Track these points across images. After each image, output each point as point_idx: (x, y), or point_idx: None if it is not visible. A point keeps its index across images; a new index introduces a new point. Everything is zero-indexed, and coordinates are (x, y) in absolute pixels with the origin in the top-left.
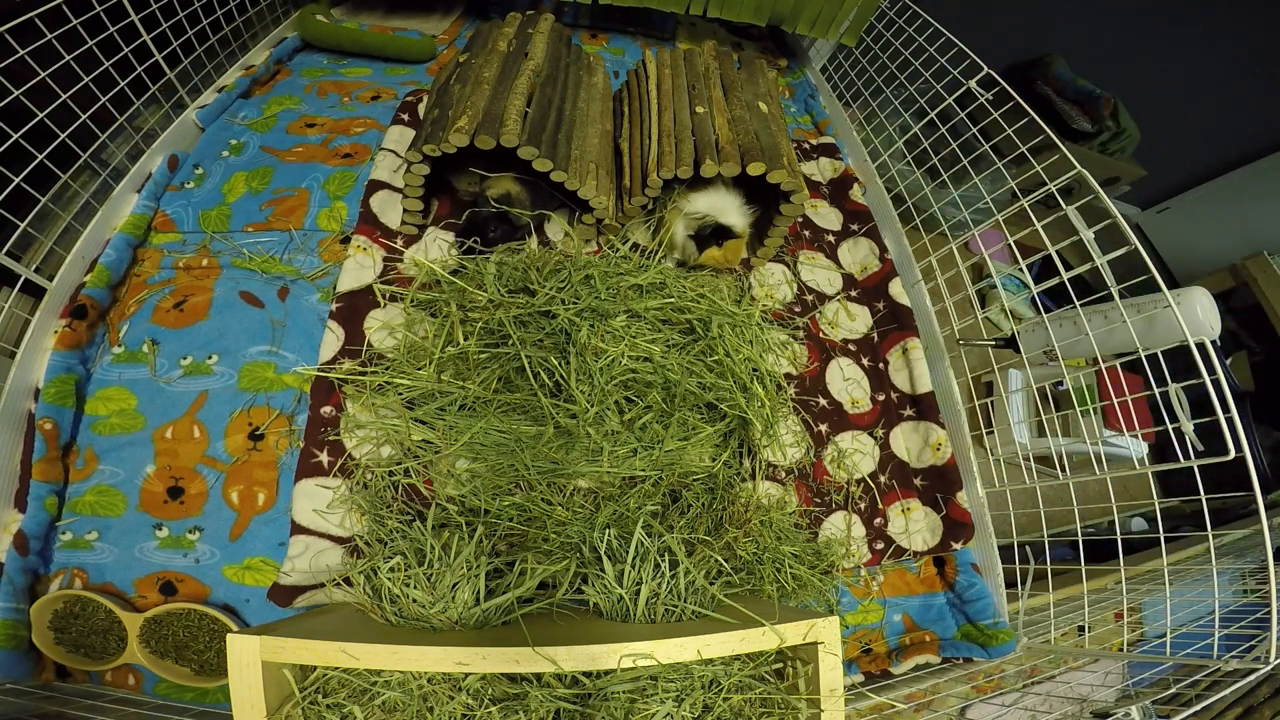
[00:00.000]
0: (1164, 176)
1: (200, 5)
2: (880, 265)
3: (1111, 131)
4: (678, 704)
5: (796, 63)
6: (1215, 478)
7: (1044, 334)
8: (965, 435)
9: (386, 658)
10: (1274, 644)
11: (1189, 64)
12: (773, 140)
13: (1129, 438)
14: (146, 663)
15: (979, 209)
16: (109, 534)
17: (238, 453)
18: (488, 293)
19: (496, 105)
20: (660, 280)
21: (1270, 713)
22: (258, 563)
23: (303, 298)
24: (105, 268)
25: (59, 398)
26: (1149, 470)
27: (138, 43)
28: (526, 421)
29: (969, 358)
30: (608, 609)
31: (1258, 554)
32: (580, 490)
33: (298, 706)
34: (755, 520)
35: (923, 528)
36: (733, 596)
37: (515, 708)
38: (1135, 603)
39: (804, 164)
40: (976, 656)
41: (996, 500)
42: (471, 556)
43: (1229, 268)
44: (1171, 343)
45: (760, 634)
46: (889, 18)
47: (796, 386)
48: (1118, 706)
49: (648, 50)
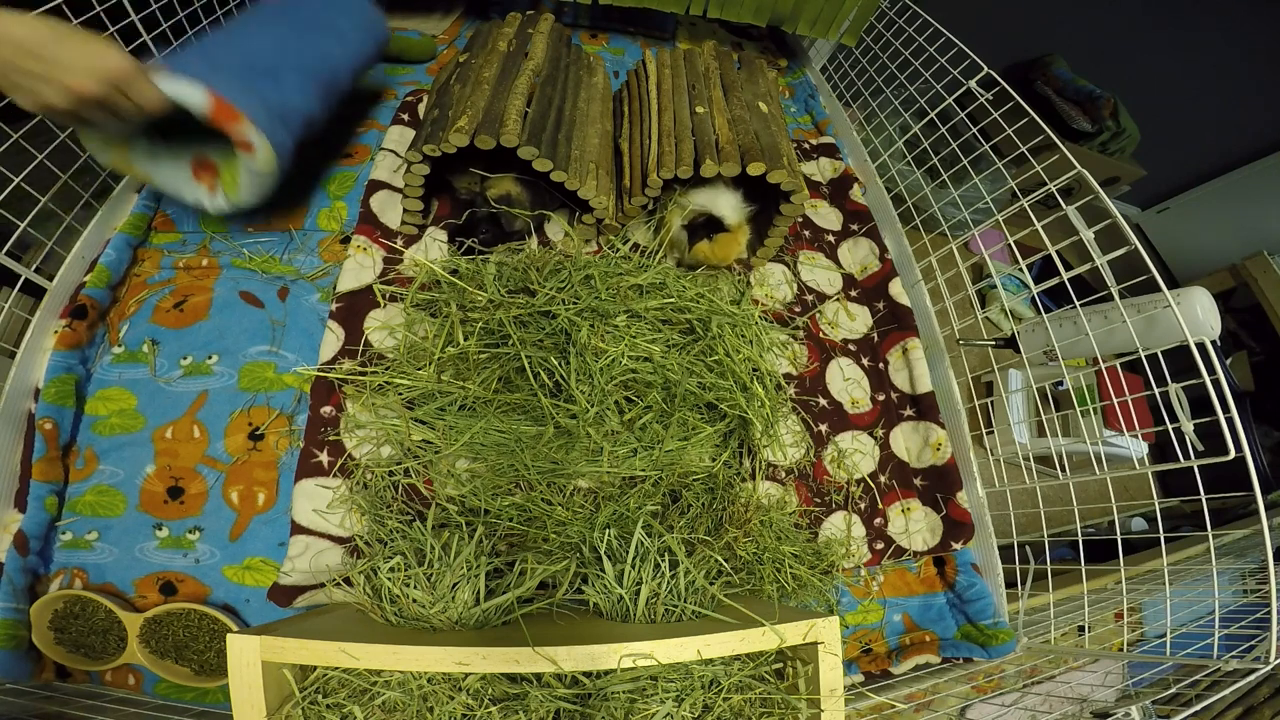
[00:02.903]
0: (1164, 176)
1: (200, 5)
2: (880, 265)
3: (1111, 131)
4: (678, 704)
5: (796, 63)
6: (1215, 478)
7: (1044, 334)
8: (965, 435)
9: (386, 658)
10: (1274, 644)
11: (1189, 64)
12: (773, 140)
13: (1129, 438)
14: (146, 663)
15: (979, 209)
16: (109, 534)
17: (238, 453)
18: (488, 293)
19: (496, 105)
20: (660, 280)
21: (1270, 713)
22: (258, 563)
23: (303, 298)
24: (105, 268)
25: (59, 398)
26: (1149, 470)
27: (138, 43)
28: (526, 421)
29: (969, 358)
30: (608, 609)
31: (1258, 554)
32: (580, 490)
33: (298, 706)
34: (755, 520)
35: (923, 528)
36: (733, 596)
37: (515, 708)
38: (1135, 603)
39: (804, 164)
40: (976, 656)
41: (996, 500)
42: (471, 556)
43: (1229, 268)
44: (1171, 343)
45: (760, 634)
46: (889, 18)
47: (796, 386)
48: (1118, 706)
49: (648, 50)
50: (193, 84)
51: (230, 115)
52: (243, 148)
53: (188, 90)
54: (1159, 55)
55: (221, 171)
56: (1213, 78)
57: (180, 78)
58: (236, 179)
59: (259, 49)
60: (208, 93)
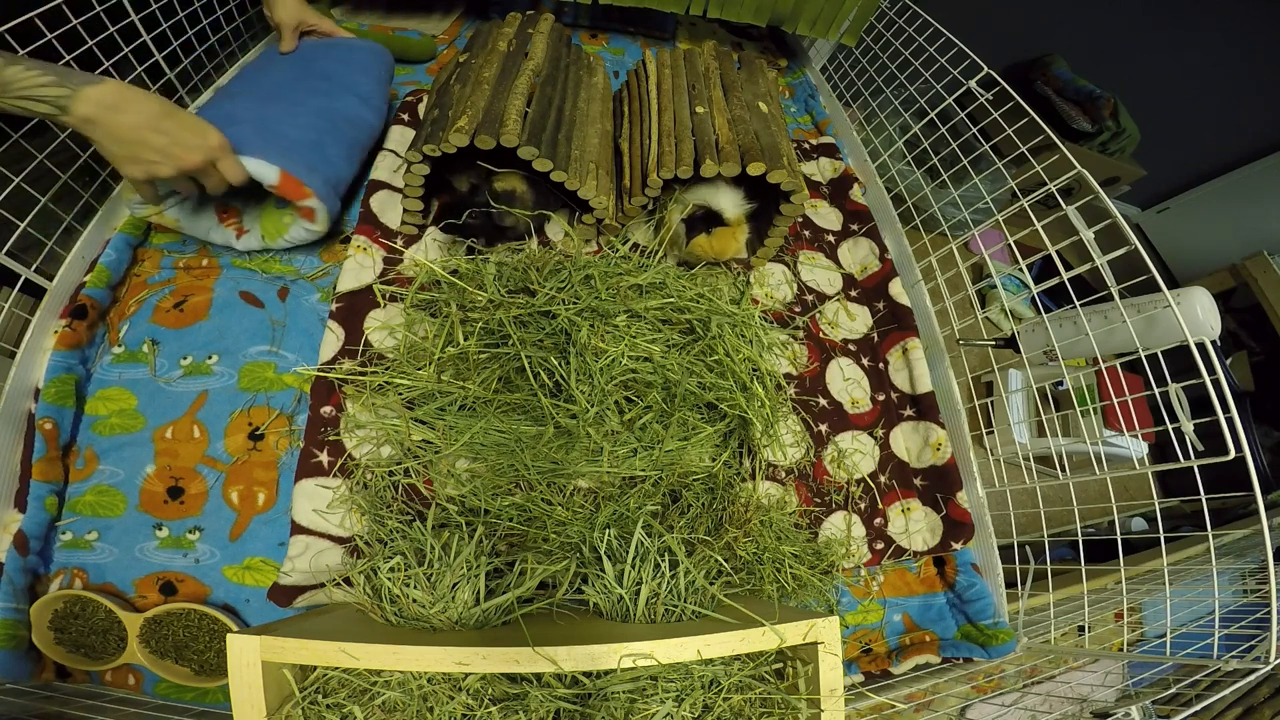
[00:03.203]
0: (1164, 176)
1: (200, 5)
2: (880, 265)
3: (1111, 131)
4: (678, 704)
5: (796, 63)
6: (1215, 478)
7: (1044, 334)
8: (965, 435)
9: (386, 658)
10: (1274, 644)
11: (1189, 64)
12: (773, 140)
13: (1129, 438)
14: (146, 663)
15: (979, 209)
16: (109, 534)
17: (238, 453)
18: (488, 293)
19: (496, 105)
20: (660, 280)
21: (1270, 713)
22: (258, 563)
23: (303, 298)
24: (105, 267)
25: (59, 398)
26: (1149, 470)
27: (138, 42)
28: (526, 421)
29: (969, 358)
30: (608, 609)
31: (1258, 554)
32: (580, 490)
33: (298, 706)
34: (755, 520)
35: (923, 528)
36: (733, 596)
37: (515, 708)
38: (1135, 603)
39: (804, 164)
40: (976, 656)
41: (996, 500)
42: (471, 556)
43: (1229, 268)
44: (1171, 343)
45: (760, 634)
46: (889, 18)
47: (796, 386)
48: (1118, 706)
49: (648, 50)
50: (267, 163)
51: (298, 190)
52: (305, 215)
53: (263, 168)
54: (1159, 55)
55: (263, 221)
56: (1213, 78)
57: (255, 156)
58: (283, 230)
59: (308, 125)
60: (279, 171)
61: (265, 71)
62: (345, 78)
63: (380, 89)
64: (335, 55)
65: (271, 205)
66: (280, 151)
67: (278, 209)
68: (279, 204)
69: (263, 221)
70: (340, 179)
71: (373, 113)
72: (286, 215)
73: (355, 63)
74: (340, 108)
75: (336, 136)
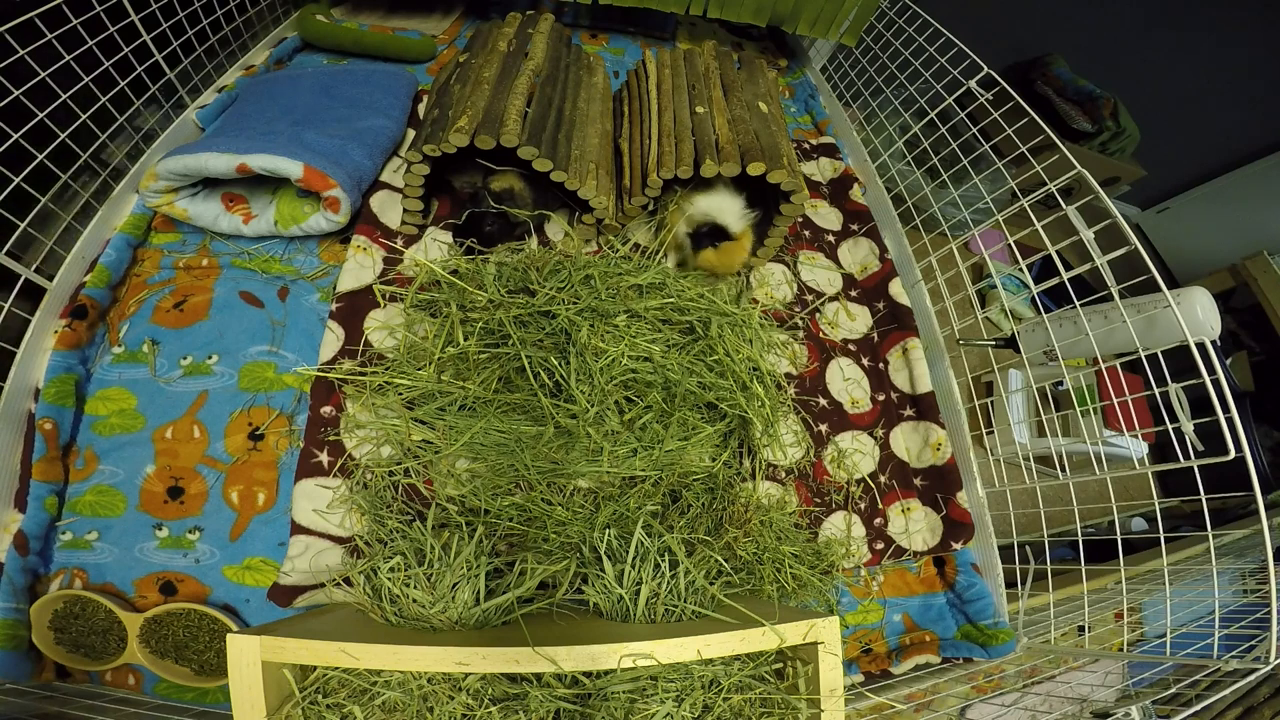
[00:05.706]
0: (1164, 176)
1: (200, 5)
2: (880, 265)
3: (1111, 131)
4: (678, 704)
5: (796, 63)
6: (1215, 478)
7: (1044, 334)
8: (965, 435)
9: (386, 658)
10: (1274, 644)
11: (1189, 64)
12: (773, 140)
13: (1129, 438)
14: (146, 663)
15: (979, 209)
16: (109, 534)
17: (238, 453)
18: (488, 293)
19: (496, 105)
20: (660, 280)
21: (1270, 713)
22: (258, 563)
23: (303, 298)
24: (105, 268)
25: (59, 398)
26: (1149, 470)
27: (138, 43)
28: (526, 421)
29: (969, 358)
30: (608, 609)
31: (1258, 554)
32: (580, 490)
33: (298, 706)
34: (755, 520)
35: (923, 528)
36: (733, 596)
37: (515, 708)
38: (1135, 603)
39: (804, 164)
40: (976, 656)
41: (996, 500)
42: (471, 556)
43: (1229, 268)
44: (1171, 343)
45: (760, 634)
46: (889, 18)
47: (796, 386)
48: (1118, 706)
49: (648, 50)
50: (291, 159)
51: (323, 182)
52: (330, 205)
53: (287, 164)
54: (1159, 55)
55: (279, 206)
56: (1213, 78)
57: (280, 154)
58: (300, 219)
59: (334, 134)
60: (303, 165)
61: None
62: (366, 99)
63: (399, 102)
64: (354, 79)
65: (291, 193)
66: (306, 149)
67: (299, 197)
68: (301, 193)
69: (278, 207)
70: (363, 175)
71: (393, 122)
72: (308, 205)
73: (375, 84)
74: (363, 126)
75: (359, 141)
